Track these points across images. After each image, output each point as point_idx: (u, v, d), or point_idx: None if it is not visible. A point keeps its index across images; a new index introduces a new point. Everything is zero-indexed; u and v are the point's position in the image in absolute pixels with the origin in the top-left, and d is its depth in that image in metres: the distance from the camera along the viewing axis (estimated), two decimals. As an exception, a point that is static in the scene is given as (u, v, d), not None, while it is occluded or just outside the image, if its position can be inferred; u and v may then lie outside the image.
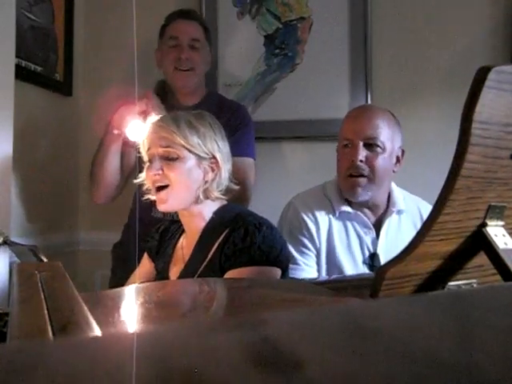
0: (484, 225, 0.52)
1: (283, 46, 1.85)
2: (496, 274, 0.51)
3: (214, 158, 1.10)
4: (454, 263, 0.53)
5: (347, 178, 1.28)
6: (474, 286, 0.55)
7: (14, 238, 0.92)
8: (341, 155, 1.32)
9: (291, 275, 1.19)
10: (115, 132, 1.39)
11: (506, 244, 0.51)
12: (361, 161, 1.26)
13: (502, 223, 0.53)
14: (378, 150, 1.26)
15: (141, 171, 1.14)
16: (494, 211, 0.52)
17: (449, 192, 0.48)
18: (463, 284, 0.54)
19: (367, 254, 1.32)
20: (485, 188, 0.50)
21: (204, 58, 1.60)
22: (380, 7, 1.79)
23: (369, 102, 1.77)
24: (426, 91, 1.76)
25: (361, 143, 1.26)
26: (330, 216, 1.33)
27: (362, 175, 1.26)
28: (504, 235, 0.52)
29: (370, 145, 1.26)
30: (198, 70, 1.57)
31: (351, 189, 1.28)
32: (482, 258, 0.52)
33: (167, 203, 1.08)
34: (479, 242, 0.52)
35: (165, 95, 1.56)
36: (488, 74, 0.45)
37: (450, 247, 0.52)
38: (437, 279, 0.53)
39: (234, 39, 1.89)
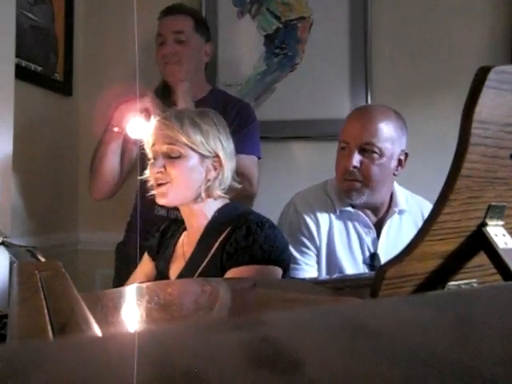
0: (484, 224, 0.52)
1: (283, 45, 1.85)
2: (496, 274, 0.51)
3: (217, 156, 1.09)
4: (454, 263, 0.53)
5: (343, 181, 1.29)
6: (474, 285, 0.55)
7: (14, 238, 0.92)
8: (338, 157, 1.32)
9: (292, 275, 1.19)
10: (115, 130, 1.39)
11: (506, 244, 0.51)
12: (354, 167, 1.25)
13: (501, 223, 0.53)
14: (375, 155, 1.24)
15: (144, 168, 1.14)
16: (494, 211, 0.52)
17: (449, 192, 0.48)
18: (463, 284, 0.54)
19: (367, 253, 1.31)
20: (485, 188, 0.50)
21: (193, 49, 1.55)
22: (380, 7, 1.79)
23: (369, 101, 1.77)
24: (426, 91, 1.76)
25: (356, 148, 1.25)
26: (331, 215, 1.32)
27: (357, 180, 1.26)
28: (504, 235, 0.52)
29: (367, 150, 1.24)
30: (185, 62, 1.53)
31: (346, 191, 1.29)
32: (481, 258, 0.52)
33: (167, 197, 1.08)
34: (479, 241, 0.52)
35: (168, 92, 1.55)
36: (488, 73, 0.45)
37: (450, 247, 0.52)
38: (437, 279, 0.53)
39: (234, 39, 1.89)
